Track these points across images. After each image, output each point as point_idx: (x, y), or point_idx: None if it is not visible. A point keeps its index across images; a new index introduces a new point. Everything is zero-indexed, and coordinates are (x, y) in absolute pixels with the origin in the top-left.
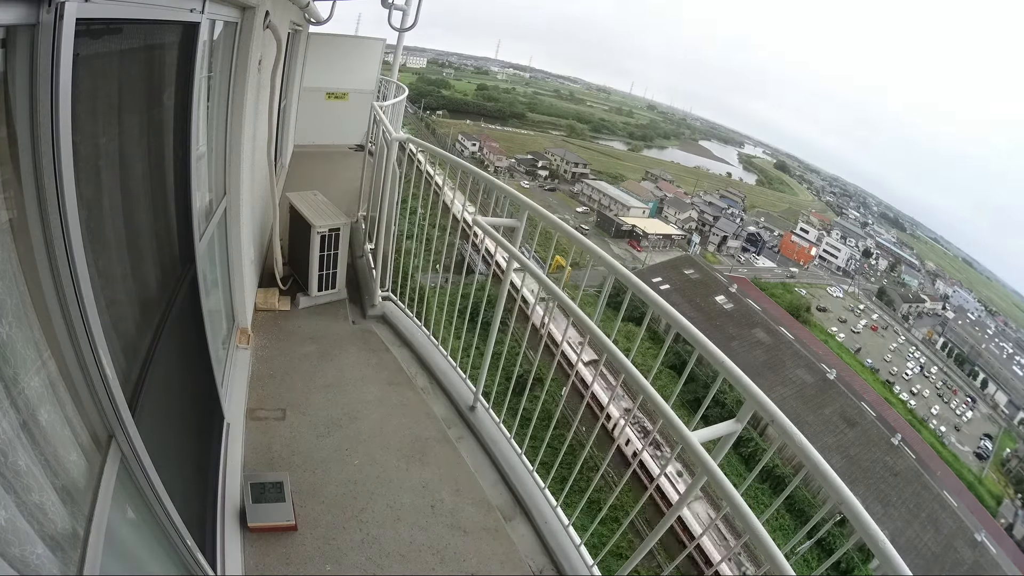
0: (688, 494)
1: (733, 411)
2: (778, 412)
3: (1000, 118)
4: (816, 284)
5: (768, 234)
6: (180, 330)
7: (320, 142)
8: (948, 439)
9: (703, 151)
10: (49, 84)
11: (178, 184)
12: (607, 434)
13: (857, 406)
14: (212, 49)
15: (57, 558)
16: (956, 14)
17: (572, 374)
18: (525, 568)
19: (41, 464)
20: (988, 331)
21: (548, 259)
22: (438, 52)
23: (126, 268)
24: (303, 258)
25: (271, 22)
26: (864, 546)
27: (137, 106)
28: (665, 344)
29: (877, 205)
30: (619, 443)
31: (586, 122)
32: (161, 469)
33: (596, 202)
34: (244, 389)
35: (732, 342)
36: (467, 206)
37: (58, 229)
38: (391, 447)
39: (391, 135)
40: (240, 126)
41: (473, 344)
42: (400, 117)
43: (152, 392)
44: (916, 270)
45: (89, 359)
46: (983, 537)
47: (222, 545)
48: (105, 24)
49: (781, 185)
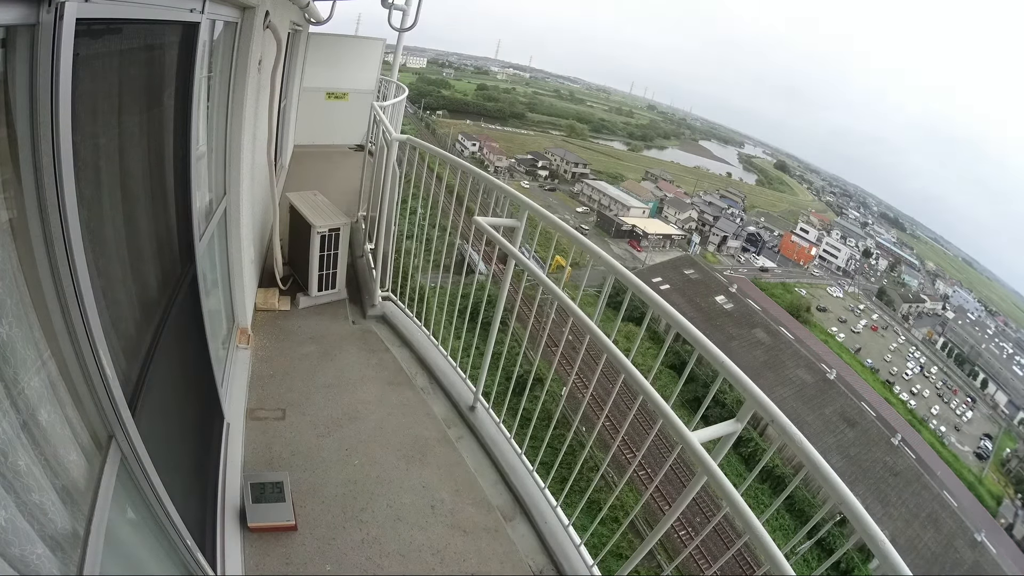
0: (688, 494)
1: (733, 411)
2: (778, 412)
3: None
4: (816, 284)
5: (768, 234)
6: (180, 330)
7: (320, 142)
8: (948, 439)
9: (703, 151)
10: (49, 84)
11: (178, 184)
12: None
13: (857, 406)
14: (212, 49)
15: (57, 558)
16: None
17: (571, 375)
18: (525, 568)
19: (41, 464)
20: (988, 331)
21: (548, 259)
22: (438, 52)
23: (126, 268)
24: (303, 258)
25: (271, 22)
26: (864, 546)
27: (137, 106)
28: (665, 344)
29: (877, 205)
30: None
31: (586, 122)
32: (161, 469)
33: (596, 202)
34: (244, 389)
35: (732, 342)
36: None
37: (58, 229)
38: (391, 447)
39: (391, 135)
40: (240, 126)
41: (473, 344)
42: (400, 117)
43: (152, 392)
44: (916, 270)
45: (89, 359)
46: (983, 537)
47: (222, 545)
48: (105, 24)
49: (781, 185)
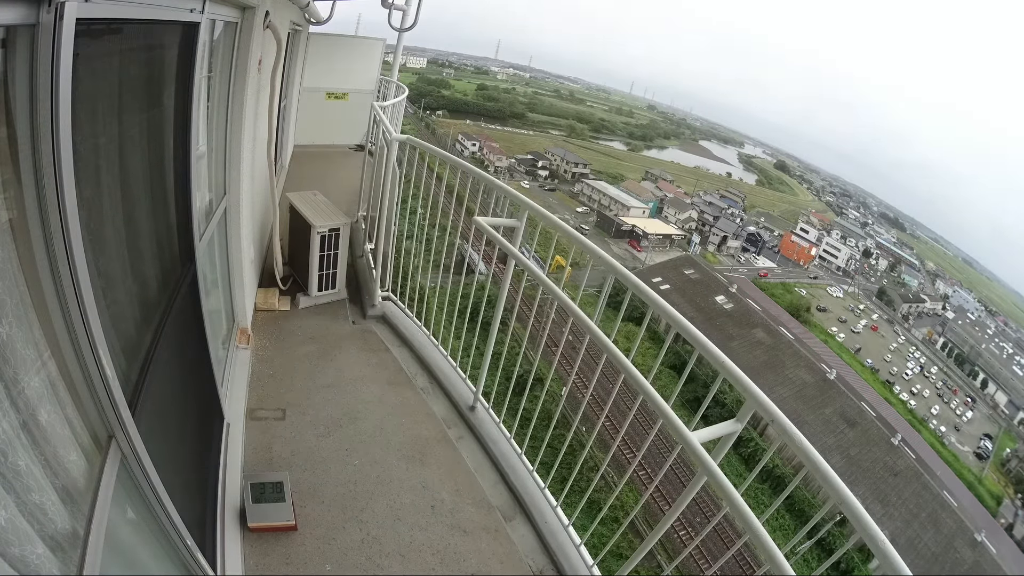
0: (688, 494)
1: (733, 411)
2: (778, 412)
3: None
4: (816, 284)
5: (768, 234)
6: (180, 330)
7: (320, 142)
8: (948, 439)
9: (703, 151)
10: (49, 84)
11: (178, 184)
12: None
13: (857, 406)
14: (212, 49)
15: (57, 558)
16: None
17: (571, 375)
18: (525, 568)
19: (41, 464)
20: (988, 331)
21: (548, 259)
22: (438, 52)
23: (126, 268)
24: (303, 258)
25: (271, 22)
26: (864, 546)
27: (137, 106)
28: (665, 344)
29: (877, 205)
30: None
31: (586, 122)
32: (161, 469)
33: (596, 202)
34: (244, 389)
35: (732, 342)
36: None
37: (58, 229)
38: (391, 447)
39: (391, 135)
40: (240, 126)
41: (473, 344)
42: (400, 117)
43: (152, 392)
44: (916, 270)
45: (89, 359)
46: (983, 537)
47: (222, 545)
48: (105, 24)
49: (781, 185)
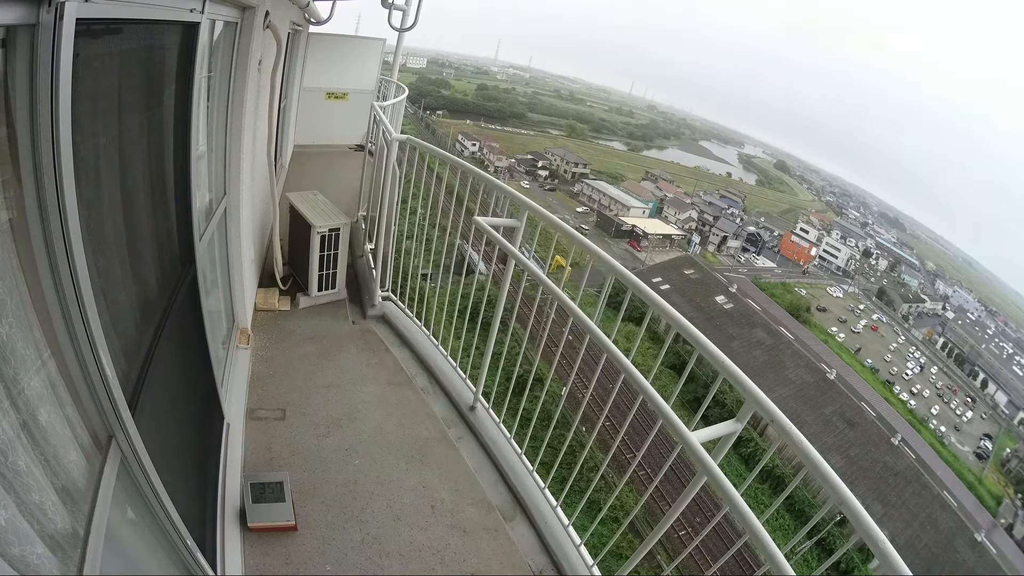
0: (688, 494)
1: (733, 411)
2: (778, 412)
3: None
4: (816, 284)
5: (768, 234)
6: (180, 330)
7: (320, 142)
8: (948, 439)
9: (703, 151)
10: (49, 84)
11: (178, 184)
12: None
13: (857, 406)
14: (212, 49)
15: (57, 558)
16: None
17: (571, 375)
18: (525, 568)
19: (41, 464)
20: (988, 331)
21: (548, 259)
22: (438, 52)
23: (126, 268)
24: (303, 258)
25: (271, 22)
26: (864, 546)
27: (137, 106)
28: (665, 344)
29: (877, 205)
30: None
31: (586, 122)
32: (161, 469)
33: (596, 202)
34: (244, 389)
35: (732, 342)
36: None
37: (58, 229)
38: (391, 447)
39: (391, 135)
40: (240, 126)
41: (473, 344)
42: (400, 117)
43: (152, 392)
44: (916, 270)
45: (89, 359)
46: (983, 537)
47: (222, 545)
48: (105, 24)
49: (781, 185)
